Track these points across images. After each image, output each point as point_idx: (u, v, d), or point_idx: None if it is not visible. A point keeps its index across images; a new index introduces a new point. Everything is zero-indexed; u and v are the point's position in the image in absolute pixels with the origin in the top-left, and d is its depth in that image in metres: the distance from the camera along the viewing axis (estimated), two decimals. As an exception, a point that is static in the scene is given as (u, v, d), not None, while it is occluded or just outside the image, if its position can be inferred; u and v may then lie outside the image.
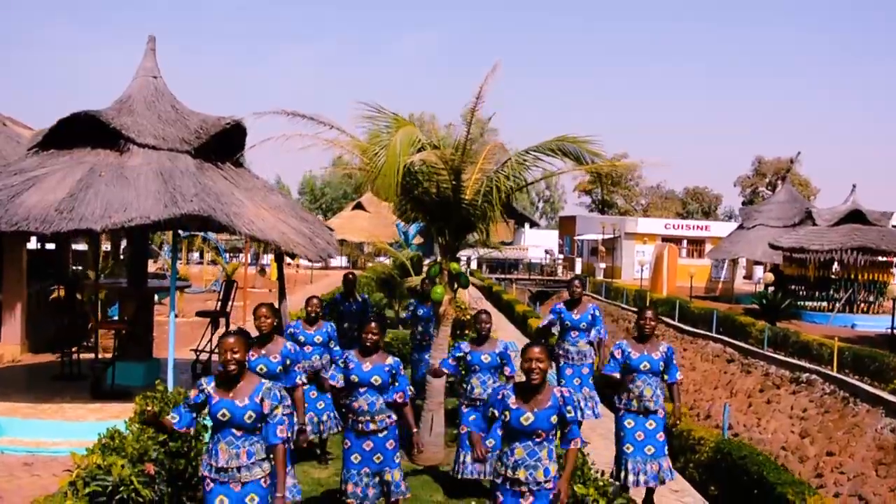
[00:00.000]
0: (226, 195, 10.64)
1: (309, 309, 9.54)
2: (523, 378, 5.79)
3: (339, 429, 9.50)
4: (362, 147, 9.84)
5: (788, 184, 39.67)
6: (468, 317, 17.85)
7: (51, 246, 18.51)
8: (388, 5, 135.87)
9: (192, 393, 5.67)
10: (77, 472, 5.89)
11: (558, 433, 5.77)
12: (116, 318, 15.18)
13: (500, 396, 5.76)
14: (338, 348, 9.53)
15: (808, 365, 18.89)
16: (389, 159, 8.92)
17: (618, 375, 8.14)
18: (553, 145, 9.87)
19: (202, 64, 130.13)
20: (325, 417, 9.49)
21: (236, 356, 5.51)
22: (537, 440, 5.60)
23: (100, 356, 13.43)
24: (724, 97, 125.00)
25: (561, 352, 10.47)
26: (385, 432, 7.14)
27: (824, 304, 28.88)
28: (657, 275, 37.84)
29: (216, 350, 13.04)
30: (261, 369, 7.19)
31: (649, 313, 8.22)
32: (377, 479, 7.17)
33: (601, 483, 6.29)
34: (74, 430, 9.70)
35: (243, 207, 10.71)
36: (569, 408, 5.64)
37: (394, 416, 7.22)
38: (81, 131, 10.86)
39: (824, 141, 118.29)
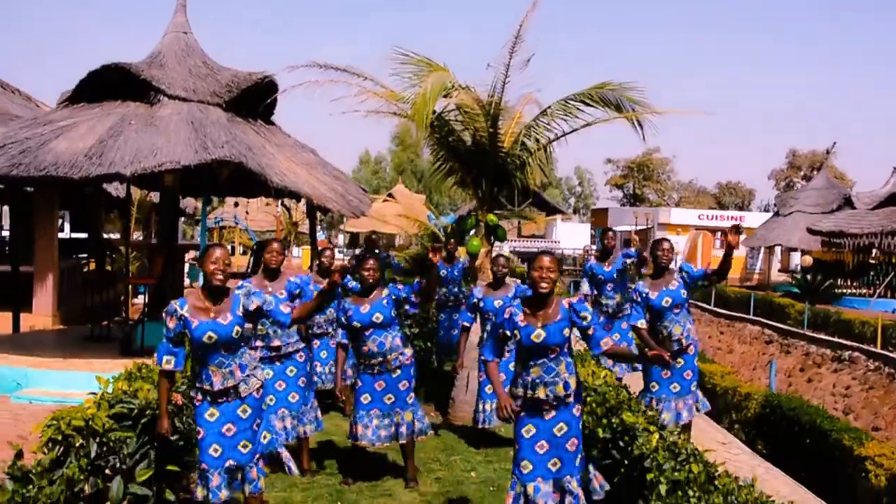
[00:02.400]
0: (257, 147, 10.46)
1: (323, 260, 9.27)
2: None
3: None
4: (395, 96, 9.59)
5: (826, 170, 38.74)
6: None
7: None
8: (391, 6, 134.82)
9: (170, 323, 5.25)
10: (102, 393, 5.67)
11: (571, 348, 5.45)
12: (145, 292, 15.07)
13: (507, 315, 5.36)
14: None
15: (850, 343, 18.40)
16: (420, 105, 8.64)
17: (643, 323, 7.56)
18: (593, 92, 9.56)
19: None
20: (326, 369, 9.21)
21: (227, 268, 5.27)
22: (552, 356, 5.23)
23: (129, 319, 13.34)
24: (755, 91, 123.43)
25: (600, 306, 10.07)
26: (398, 372, 6.89)
27: (864, 290, 28.23)
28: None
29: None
30: None
31: (666, 244, 7.56)
32: (387, 420, 6.92)
33: (651, 413, 5.97)
34: (103, 381, 9.51)
35: (275, 160, 10.52)
36: (581, 314, 5.22)
37: (407, 354, 6.97)
38: (111, 84, 10.75)
39: (860, 134, 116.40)
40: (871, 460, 7.09)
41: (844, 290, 28.02)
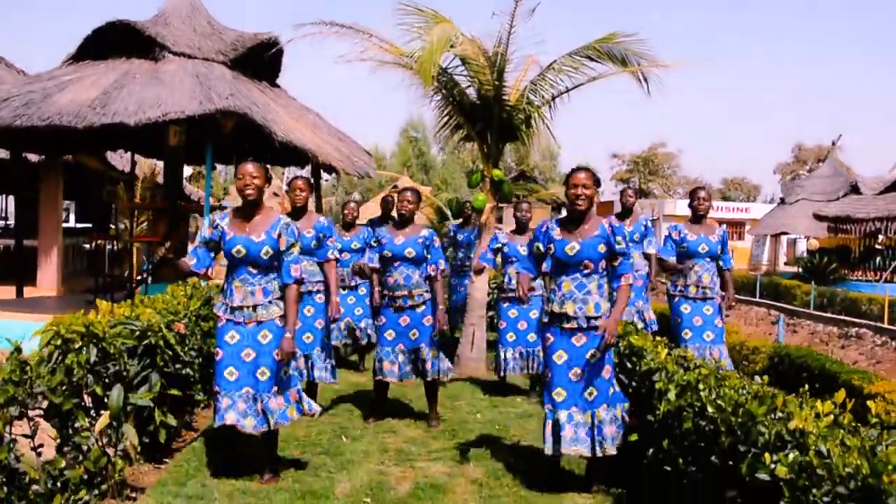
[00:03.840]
0: (262, 103, 10.41)
1: (346, 212, 9.27)
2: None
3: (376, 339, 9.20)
4: (400, 52, 9.55)
5: (831, 159, 38.41)
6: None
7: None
8: None
9: (207, 231, 5.35)
10: (103, 313, 5.58)
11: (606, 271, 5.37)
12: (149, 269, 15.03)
13: (543, 229, 5.34)
14: None
15: (857, 320, 18.30)
16: (425, 57, 8.58)
17: (674, 260, 7.68)
18: (599, 46, 9.49)
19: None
20: (362, 325, 9.18)
21: (255, 181, 5.17)
22: (585, 272, 5.17)
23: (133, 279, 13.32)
24: (759, 88, 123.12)
25: None
26: (422, 307, 6.85)
27: (870, 275, 28.00)
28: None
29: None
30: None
31: (702, 193, 7.71)
32: (412, 356, 6.87)
33: (659, 339, 5.89)
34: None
35: (279, 117, 10.48)
36: (618, 238, 5.18)
37: (429, 293, 6.92)
38: (116, 41, 10.76)
39: (867, 129, 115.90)
40: (881, 397, 7.04)
41: (851, 278, 27.79)
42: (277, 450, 5.50)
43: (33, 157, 14.72)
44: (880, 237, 28.29)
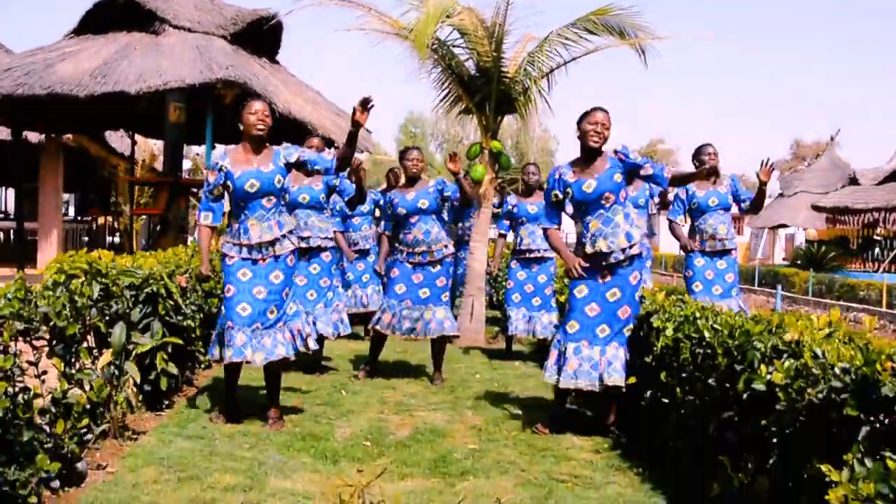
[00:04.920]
0: (262, 75, 10.46)
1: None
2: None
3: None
4: (399, 24, 9.59)
5: (830, 151, 38.22)
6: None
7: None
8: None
9: (211, 176, 5.32)
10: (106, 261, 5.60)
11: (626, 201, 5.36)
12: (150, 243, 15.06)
13: (556, 175, 5.33)
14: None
15: (855, 305, 18.36)
16: (421, 27, 8.62)
17: (682, 219, 7.61)
18: (596, 18, 9.52)
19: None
20: (369, 291, 9.22)
21: (267, 119, 5.26)
22: (608, 205, 5.17)
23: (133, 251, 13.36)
24: (758, 85, 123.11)
25: None
26: (439, 266, 6.88)
27: (868, 264, 28.01)
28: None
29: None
30: (303, 198, 6.97)
31: (711, 148, 7.60)
32: (417, 313, 6.90)
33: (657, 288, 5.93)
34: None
35: (279, 90, 10.52)
36: (631, 155, 5.20)
37: (451, 248, 6.98)
38: (116, 15, 10.80)
39: (866, 125, 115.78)
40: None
41: (849, 268, 27.75)
42: (279, 394, 5.54)
43: (34, 139, 14.75)
44: (879, 228, 28.26)
